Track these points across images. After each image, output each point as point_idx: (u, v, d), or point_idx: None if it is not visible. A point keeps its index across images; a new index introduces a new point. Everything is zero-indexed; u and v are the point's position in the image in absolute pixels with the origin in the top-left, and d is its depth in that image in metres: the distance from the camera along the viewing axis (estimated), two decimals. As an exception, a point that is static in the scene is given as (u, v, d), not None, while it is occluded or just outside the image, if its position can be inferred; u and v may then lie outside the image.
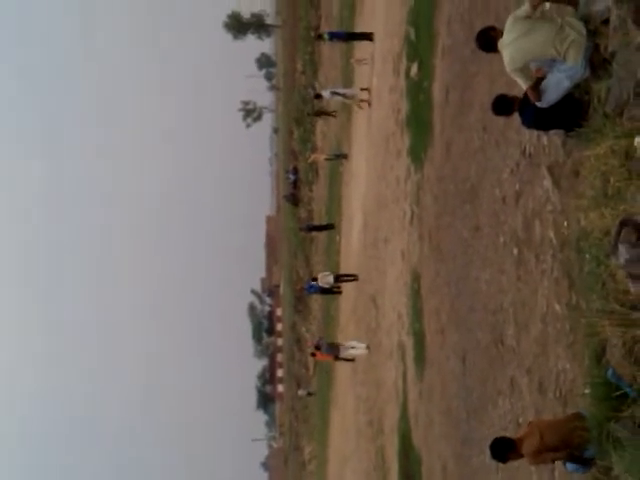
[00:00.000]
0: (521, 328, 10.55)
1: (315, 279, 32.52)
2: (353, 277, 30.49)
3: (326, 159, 36.78)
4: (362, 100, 28.00)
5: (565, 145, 8.73)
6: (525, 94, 7.62)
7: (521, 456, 7.06)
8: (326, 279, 31.29)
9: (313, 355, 33.95)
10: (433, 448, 16.42)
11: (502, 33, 7.57)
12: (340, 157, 34.27)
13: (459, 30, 14.65)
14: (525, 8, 7.34)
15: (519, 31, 7.34)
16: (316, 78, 44.52)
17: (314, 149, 43.93)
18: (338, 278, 31.58)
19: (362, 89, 28.20)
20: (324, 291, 33.84)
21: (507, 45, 7.51)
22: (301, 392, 49.51)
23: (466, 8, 14.29)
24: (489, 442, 7.43)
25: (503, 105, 8.07)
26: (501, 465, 11.56)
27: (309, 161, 41.29)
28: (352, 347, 28.02)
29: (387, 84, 23.19)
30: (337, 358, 30.73)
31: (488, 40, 7.74)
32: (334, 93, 30.67)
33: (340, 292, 33.46)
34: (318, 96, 33.84)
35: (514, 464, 10.83)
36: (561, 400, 9.01)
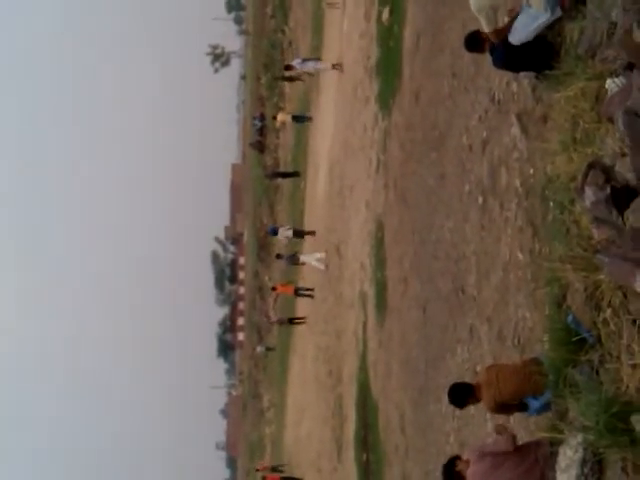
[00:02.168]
0: (482, 277, 10.51)
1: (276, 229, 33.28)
2: (311, 232, 30.96)
3: (293, 119, 36.52)
4: (335, 66, 27.05)
5: (535, 91, 8.60)
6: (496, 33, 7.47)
7: (478, 401, 7.02)
8: (285, 233, 31.95)
9: (274, 289, 34.61)
10: (391, 397, 16.49)
11: None
12: (306, 119, 34.26)
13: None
14: None
15: None
16: (286, 23, 43.85)
17: (281, 96, 43.38)
18: (297, 233, 31.99)
19: (334, 65, 27.08)
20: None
21: None
22: (260, 348, 49.44)
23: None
24: (448, 388, 7.38)
25: (475, 41, 7.90)
26: (457, 412, 11.64)
27: (277, 123, 41.10)
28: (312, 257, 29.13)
29: (358, 29, 22.84)
30: (297, 293, 31.37)
31: None
32: (305, 60, 30.44)
33: (306, 234, 33.69)
34: (288, 67, 33.58)
35: (469, 411, 10.92)
36: (519, 348, 9.00)
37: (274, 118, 39.70)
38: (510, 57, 7.57)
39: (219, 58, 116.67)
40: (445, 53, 12.88)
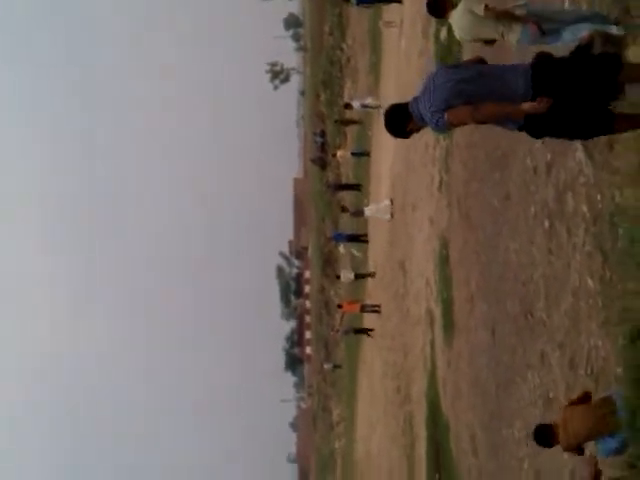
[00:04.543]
0: (552, 301, 10.36)
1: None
2: (372, 274, 32.06)
3: (352, 155, 37.88)
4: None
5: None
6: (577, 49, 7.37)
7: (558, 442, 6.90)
8: (348, 275, 34.35)
9: (340, 307, 35.09)
10: (461, 417, 16.33)
11: (452, 5, 7.80)
12: (364, 154, 35.13)
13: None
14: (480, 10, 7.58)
15: (466, 18, 7.67)
16: (344, 40, 44.02)
17: (344, 139, 43.84)
18: (358, 276, 33.91)
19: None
20: (351, 239, 35.51)
21: (454, 22, 7.85)
22: (327, 366, 49.83)
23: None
24: (533, 430, 7.31)
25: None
26: (531, 439, 11.48)
27: (338, 159, 42.46)
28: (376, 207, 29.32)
29: (416, 48, 22.79)
30: (363, 310, 31.74)
31: (438, 7, 7.94)
32: (364, 106, 31.63)
33: (367, 241, 34.13)
34: (347, 106, 34.72)
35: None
36: (593, 377, 8.83)
37: (334, 156, 41.44)
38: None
39: (278, 75, 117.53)
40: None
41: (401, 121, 6.40)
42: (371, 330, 32.65)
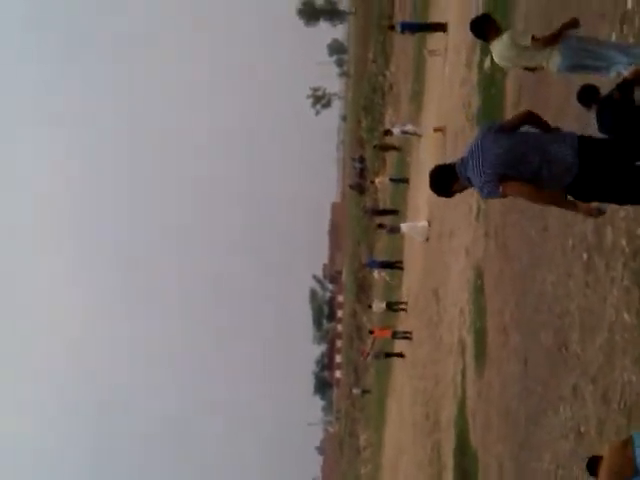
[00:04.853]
0: (587, 335, 10.31)
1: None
2: (404, 304, 32.23)
3: (391, 181, 38.22)
4: (437, 130, 26.17)
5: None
6: (615, 92, 7.32)
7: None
8: (379, 306, 34.27)
9: (371, 332, 35.24)
10: (490, 448, 16.22)
11: (497, 31, 7.76)
12: (403, 181, 35.21)
13: (537, 22, 14.32)
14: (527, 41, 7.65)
15: (511, 51, 7.71)
16: (387, 67, 44.22)
17: (383, 165, 44.08)
18: (390, 305, 33.75)
19: (435, 129, 26.28)
20: (384, 265, 35.59)
21: (496, 50, 7.85)
22: (356, 391, 49.87)
23: (545, 1, 14.02)
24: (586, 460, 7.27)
25: (589, 94, 7.88)
26: (560, 472, 11.40)
27: (377, 185, 42.92)
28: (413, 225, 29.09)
29: (459, 77, 22.87)
30: (394, 336, 31.77)
31: (482, 30, 7.87)
32: (404, 132, 32.01)
33: (402, 268, 34.05)
34: (387, 132, 35.25)
35: (573, 472, 10.68)
36: (625, 412, 8.78)
37: (372, 183, 41.78)
38: (619, 121, 7.35)
39: (320, 100, 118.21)
40: (550, 106, 12.78)
41: (447, 181, 6.52)
42: (402, 354, 32.59)
